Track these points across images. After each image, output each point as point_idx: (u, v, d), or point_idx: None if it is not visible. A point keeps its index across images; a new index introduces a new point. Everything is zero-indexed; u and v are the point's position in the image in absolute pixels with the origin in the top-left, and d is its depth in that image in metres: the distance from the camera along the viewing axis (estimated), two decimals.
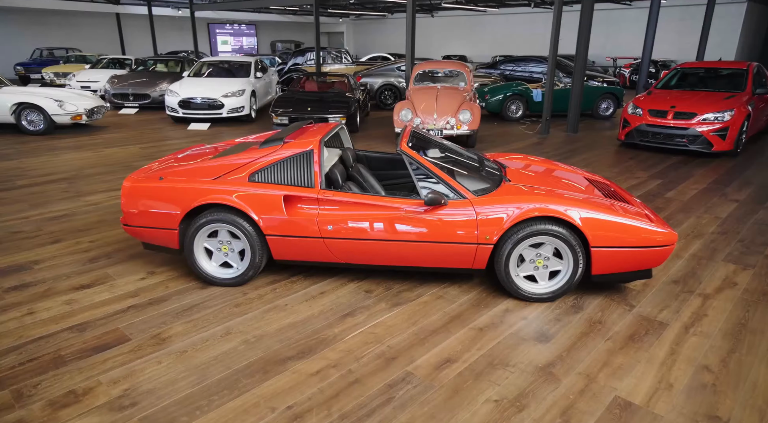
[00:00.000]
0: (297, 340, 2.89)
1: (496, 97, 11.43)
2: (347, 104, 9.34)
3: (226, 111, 10.52)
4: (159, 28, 28.09)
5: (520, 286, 3.31)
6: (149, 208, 3.42)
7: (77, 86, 14.98)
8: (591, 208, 3.16)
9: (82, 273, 3.70)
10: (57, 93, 9.69)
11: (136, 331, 2.96)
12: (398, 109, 8.20)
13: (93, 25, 25.96)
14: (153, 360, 2.68)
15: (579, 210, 3.14)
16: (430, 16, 30.21)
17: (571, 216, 3.11)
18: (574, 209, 3.14)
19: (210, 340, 2.88)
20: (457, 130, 7.92)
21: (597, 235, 3.12)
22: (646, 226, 3.14)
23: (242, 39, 33.25)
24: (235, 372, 2.59)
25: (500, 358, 2.72)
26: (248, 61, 12.10)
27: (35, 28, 24.16)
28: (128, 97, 12.72)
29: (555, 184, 3.59)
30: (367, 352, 2.77)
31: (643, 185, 6.14)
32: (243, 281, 3.48)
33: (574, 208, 3.15)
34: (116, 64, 16.49)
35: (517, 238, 3.18)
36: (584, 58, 9.40)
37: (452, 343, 2.87)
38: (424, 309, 3.24)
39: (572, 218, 3.11)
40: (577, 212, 3.13)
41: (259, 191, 3.33)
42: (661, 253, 3.17)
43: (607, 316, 3.15)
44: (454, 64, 9.20)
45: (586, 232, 3.12)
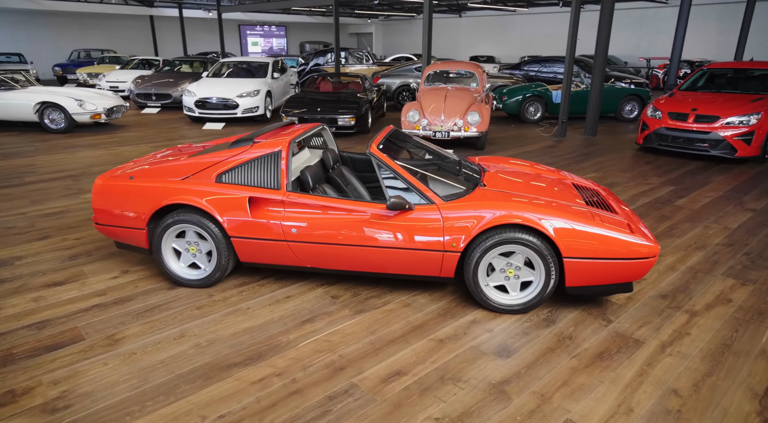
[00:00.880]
0: (249, 345, 2.82)
1: (514, 99, 11.16)
2: (358, 105, 9.27)
3: (241, 111, 10.62)
4: (190, 30, 28.78)
5: (490, 296, 3.15)
6: (118, 208, 3.43)
7: (106, 86, 15.48)
8: (565, 217, 2.98)
9: (59, 270, 3.74)
10: (78, 92, 9.99)
11: (93, 330, 2.95)
12: (406, 110, 8.08)
13: (128, 27, 26.80)
14: (100, 361, 2.66)
15: (552, 218, 2.97)
16: (458, 16, 29.90)
17: (542, 224, 2.94)
18: (546, 217, 2.97)
19: (162, 342, 2.84)
20: (464, 132, 7.75)
21: (570, 245, 2.94)
22: (624, 237, 2.94)
23: (272, 40, 33.72)
24: (177, 377, 2.54)
25: (453, 373, 2.58)
26: (266, 62, 12.19)
27: (74, 30, 25.12)
28: (151, 97, 13.01)
29: (534, 190, 3.42)
30: (316, 361, 2.68)
31: (653, 192, 5.83)
32: (210, 283, 3.45)
33: (546, 215, 2.97)
34: (145, 64, 16.94)
35: (486, 247, 3.02)
36: (603, 59, 9.05)
37: (407, 354, 2.75)
38: (388, 317, 3.12)
39: (543, 226, 2.94)
40: (550, 220, 2.96)
41: (224, 192, 3.29)
42: (641, 266, 2.96)
43: (579, 332, 2.96)
44: (466, 64, 9.01)
45: (558, 241, 2.94)
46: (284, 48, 34.22)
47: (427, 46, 11.30)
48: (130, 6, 24.86)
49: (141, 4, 24.96)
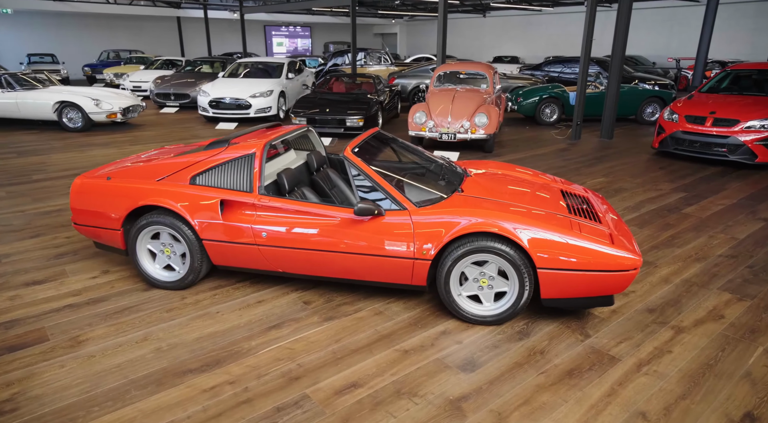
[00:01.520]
0: (209, 351, 2.78)
1: (529, 100, 10.91)
2: (367, 106, 9.21)
3: (254, 111, 10.69)
4: (217, 31, 29.24)
5: (462, 306, 3.03)
6: (95, 208, 3.44)
7: (130, 86, 15.82)
8: (540, 226, 2.84)
9: (42, 269, 3.79)
10: (96, 92, 10.23)
11: (59, 331, 2.96)
12: (413, 111, 7.97)
13: (156, 28, 27.41)
14: (57, 364, 2.66)
15: (527, 227, 2.83)
16: (482, 16, 29.54)
17: (515, 233, 2.81)
18: (521, 226, 2.83)
19: (124, 345, 2.83)
20: (471, 134, 7.59)
21: (544, 256, 2.80)
22: (602, 249, 2.78)
23: (297, 41, 33.99)
24: (129, 382, 2.51)
25: (411, 387, 2.48)
26: (281, 63, 12.25)
27: (104, 31, 25.83)
28: (170, 97, 13.23)
29: (514, 196, 3.28)
30: (273, 370, 2.61)
31: (661, 198, 5.58)
32: (183, 285, 3.43)
33: (521, 224, 2.84)
34: (169, 65, 17.27)
35: (457, 255, 2.91)
36: (620, 59, 8.75)
37: (368, 365, 2.66)
38: (357, 325, 3.04)
39: (517, 236, 2.81)
40: (524, 229, 2.82)
41: (196, 194, 3.26)
42: (621, 279, 2.79)
43: (553, 346, 2.81)
44: (476, 65, 8.84)
45: (531, 251, 2.80)
46: (309, 48, 34.46)
47: (442, 46, 11.15)
48: (158, 8, 25.43)
49: (168, 6, 25.50)
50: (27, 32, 24.15)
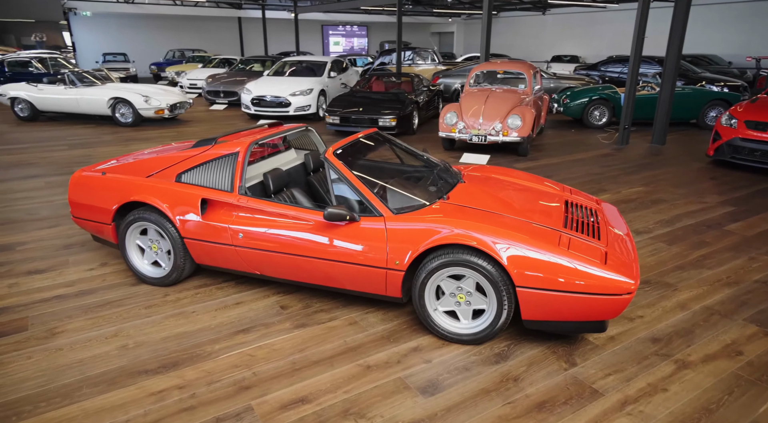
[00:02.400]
0: (171, 352, 2.74)
1: (577, 102, 10.33)
2: (401, 105, 9.04)
3: (293, 109, 10.80)
4: (275, 31, 29.99)
5: (438, 322, 2.83)
6: (89, 202, 3.51)
7: (187, 84, 16.51)
8: (522, 239, 2.58)
9: (48, 258, 3.93)
10: (146, 89, 10.71)
11: (39, 322, 3.03)
12: (444, 112, 7.72)
13: (219, 28, 28.50)
14: (26, 354, 2.71)
15: (507, 241, 2.58)
16: (542, 14, 28.49)
17: (493, 247, 2.57)
18: (501, 239, 2.59)
19: (93, 340, 2.85)
20: (503, 136, 7.24)
21: (524, 274, 2.54)
22: (588, 269, 2.49)
23: (353, 40, 34.27)
24: (84, 379, 2.51)
25: (362, 407, 2.32)
26: (324, 61, 12.33)
27: (170, 31, 27.17)
28: (219, 95, 13.65)
29: (504, 206, 3.02)
30: (227, 377, 2.53)
31: (703, 212, 5.05)
32: (168, 282, 3.43)
33: (502, 238, 2.60)
34: (225, 63, 17.88)
35: (432, 267, 2.71)
36: (676, 58, 8.06)
37: (324, 379, 2.52)
38: (326, 335, 2.91)
39: (494, 250, 2.57)
40: (503, 242, 2.58)
41: (179, 191, 3.24)
42: (611, 303, 2.49)
43: (530, 374, 2.55)
44: (515, 64, 8.44)
45: (509, 267, 2.55)
46: (365, 47, 34.65)
47: (485, 45, 10.79)
48: (220, 8, 26.44)
49: (230, 7, 26.45)
50: (103, 33, 25.83)
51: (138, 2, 24.73)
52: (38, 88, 10.86)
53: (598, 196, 5.59)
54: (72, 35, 24.95)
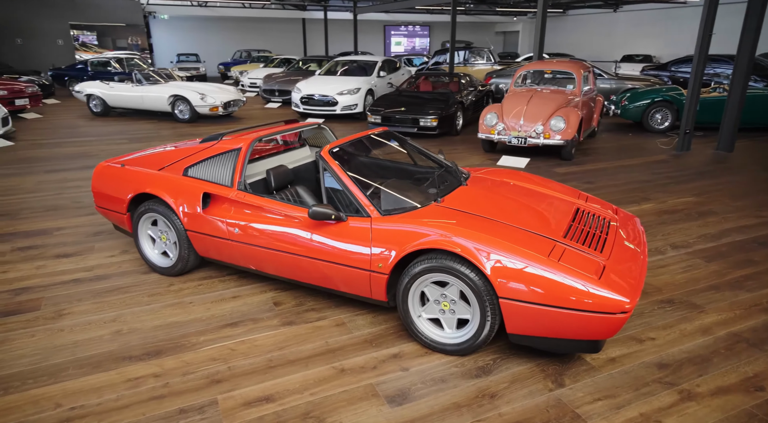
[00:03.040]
0: (158, 340, 2.82)
1: (636, 104, 9.69)
2: (444, 105, 8.87)
3: (340, 108, 10.91)
4: (337, 31, 30.50)
5: (421, 329, 2.72)
6: (109, 192, 3.69)
7: (247, 82, 17.18)
8: (508, 248, 2.42)
9: (78, 243, 4.18)
10: (203, 87, 11.21)
11: (51, 303, 3.22)
12: (485, 113, 7.50)
13: (284, 29, 29.40)
14: (31, 333, 2.88)
15: (491, 247, 2.43)
16: (613, 11, 27.04)
17: (475, 254, 2.43)
18: (484, 246, 2.44)
19: (92, 324, 2.99)
20: (544, 139, 6.91)
21: (507, 284, 2.38)
22: (575, 284, 2.29)
23: (415, 40, 34.21)
24: (73, 360, 2.64)
25: (323, 411, 2.26)
26: (375, 61, 12.37)
27: (239, 33, 28.36)
28: (274, 93, 14.06)
29: (502, 211, 2.85)
30: (202, 369, 2.56)
31: (758, 228, 4.55)
32: (174, 273, 3.54)
33: (485, 244, 2.45)
34: (286, 63, 18.42)
35: (414, 272, 2.60)
36: (749, 57, 7.35)
37: (295, 379, 2.49)
38: (310, 334, 2.88)
39: (476, 257, 2.43)
40: (488, 250, 2.43)
41: (184, 185, 3.33)
42: (603, 322, 2.28)
43: (511, 392, 2.39)
44: (564, 63, 8.04)
45: (492, 277, 2.40)
46: (426, 48, 34.49)
47: (539, 44, 10.38)
48: (286, 10, 27.28)
49: (295, 9, 27.21)
50: (179, 35, 27.41)
51: (210, 5, 26.02)
52: (109, 85, 11.68)
53: (640, 205, 5.20)
54: (151, 37, 26.65)
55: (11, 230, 4.51)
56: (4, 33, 20.65)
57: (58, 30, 21.65)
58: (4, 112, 9.00)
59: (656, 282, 3.49)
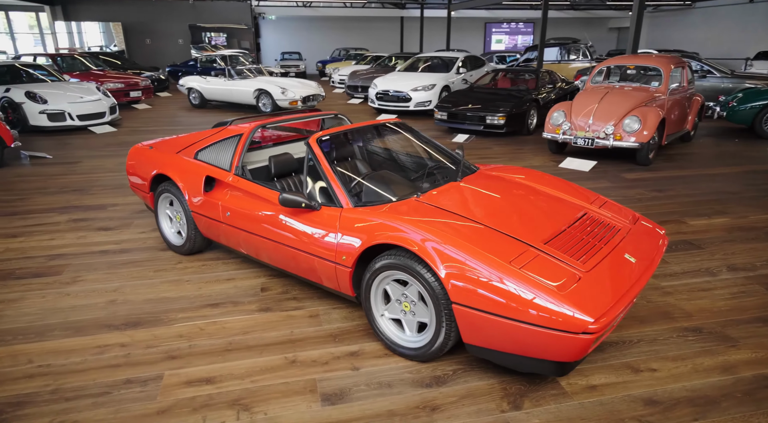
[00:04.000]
0: (141, 313, 2.96)
1: (746, 106, 8.44)
2: (515, 103, 8.40)
3: (413, 104, 10.81)
4: (434, 29, 30.29)
5: (382, 328, 2.56)
6: (137, 173, 3.96)
7: (337, 79, 17.72)
8: (468, 250, 2.19)
9: (121, 219, 4.55)
10: (286, 82, 11.73)
11: (72, 270, 3.53)
12: (552, 110, 6.96)
13: (383, 28, 29.84)
14: (42, 294, 3.17)
15: (451, 249, 2.22)
16: (749, 1, 23.83)
17: (429, 252, 2.23)
18: (445, 247, 2.23)
19: (96, 291, 3.22)
20: (615, 141, 6.25)
21: (460, 288, 2.16)
22: (532, 295, 2.00)
23: (517, 37, 32.97)
24: (63, 323, 2.85)
25: (254, 400, 2.22)
26: (455, 57, 12.09)
27: (339, 32, 29.30)
28: (357, 89, 14.32)
29: (487, 210, 2.60)
30: (166, 344, 2.64)
31: None
32: (183, 252, 3.71)
33: (447, 245, 2.24)
34: (376, 60, 18.70)
35: (374, 268, 2.46)
36: None
37: (244, 364, 2.47)
38: (280, 322, 2.85)
39: (430, 255, 2.23)
40: (448, 251, 2.22)
41: (190, 168, 3.47)
42: (563, 342, 1.97)
43: (458, 407, 2.16)
44: (650, 58, 7.21)
45: (446, 279, 2.19)
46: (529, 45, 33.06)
47: (634, 39, 9.46)
48: (385, 9, 27.68)
49: (394, 7, 27.50)
50: (284, 34, 29.00)
51: (314, 5, 27.18)
52: (206, 80, 12.65)
53: (710, 219, 4.49)
54: (259, 37, 28.50)
55: (76, 203, 5.03)
56: (136, 34, 23.29)
57: (180, 31, 23.92)
58: (112, 101, 10.12)
59: (688, 306, 2.97)
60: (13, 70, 10.03)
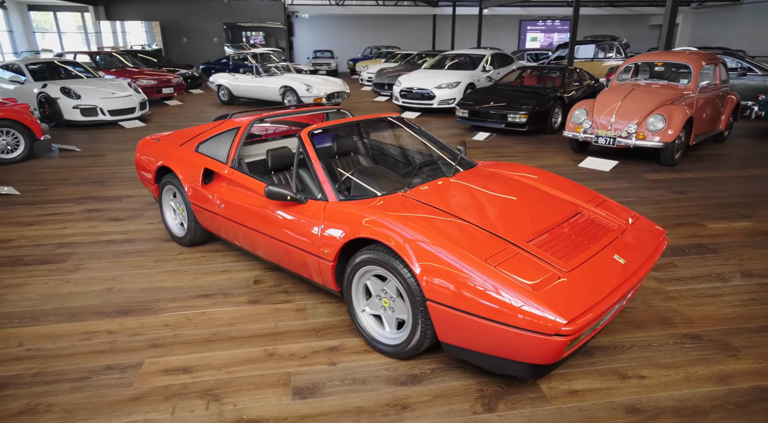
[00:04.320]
0: (135, 301, 3.01)
1: None
2: (537, 101, 8.20)
3: (437, 102, 10.70)
4: (466, 26, 29.93)
5: (363, 324, 2.53)
6: (143, 164, 4.04)
7: (366, 77, 17.78)
8: (446, 246, 2.13)
9: (132, 210, 4.67)
10: (311, 79, 11.81)
11: (77, 258, 3.63)
12: (574, 108, 6.75)
13: (415, 26, 29.71)
14: (44, 281, 3.28)
15: (429, 245, 2.16)
16: None
17: (405, 247, 2.18)
18: (421, 242, 2.18)
19: (95, 279, 3.30)
20: (637, 140, 6.01)
21: (434, 285, 2.10)
22: (504, 293, 1.93)
23: (553, 35, 32.24)
24: (59, 308, 2.93)
25: (226, 391, 2.22)
26: (482, 55, 11.91)
27: (372, 30, 29.34)
28: (384, 87, 14.29)
29: (471, 207, 2.53)
30: (151, 333, 2.68)
31: None
32: (184, 243, 3.77)
33: (426, 241, 2.18)
34: (405, 58, 18.65)
35: (355, 263, 2.43)
36: None
37: (223, 355, 2.48)
38: (267, 315, 2.85)
39: (405, 251, 2.18)
40: (426, 246, 2.16)
41: (192, 160, 3.51)
42: (535, 343, 1.89)
43: (429, 407, 2.10)
44: (680, 55, 6.89)
45: (420, 276, 2.13)
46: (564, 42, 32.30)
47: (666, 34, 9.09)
48: (417, 7, 27.55)
49: (427, 5, 27.34)
50: (317, 32, 29.27)
51: (347, 4, 27.31)
52: (234, 77, 12.88)
53: (731, 222, 4.26)
54: (292, 35, 28.87)
55: (94, 194, 5.19)
56: (174, 33, 23.94)
57: (214, 29, 24.46)
58: (142, 97, 10.42)
59: (691, 312, 2.82)
60: (52, 67, 10.45)
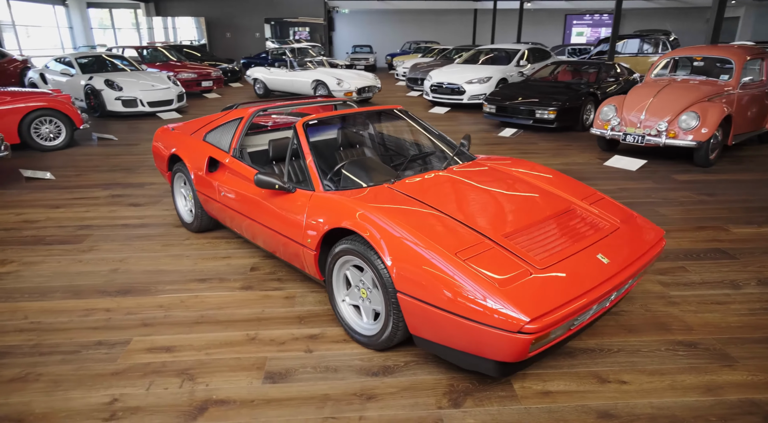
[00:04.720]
0: (136, 282, 3.14)
1: None
2: (569, 97, 7.95)
3: (467, 97, 10.56)
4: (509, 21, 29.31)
5: (343, 314, 2.54)
6: (158, 153, 4.19)
7: (401, 72, 17.75)
8: (418, 238, 2.11)
9: (152, 197, 4.85)
10: (343, 73, 11.89)
11: (92, 240, 3.81)
12: (603, 105, 6.51)
13: (455, 21, 29.38)
14: (58, 259, 3.46)
15: (404, 236, 2.15)
16: None
17: (379, 240, 2.17)
18: (396, 233, 2.17)
19: (105, 260, 3.46)
20: (667, 138, 5.73)
21: (403, 276, 2.09)
22: (469, 288, 1.89)
23: (600, 30, 31.14)
24: (67, 286, 3.09)
25: (201, 371, 2.28)
26: (517, 49, 11.66)
27: (411, 24, 29.22)
28: (417, 82, 14.22)
29: (454, 201, 2.49)
30: (144, 313, 2.79)
31: None
32: (193, 229, 3.89)
33: (399, 232, 2.17)
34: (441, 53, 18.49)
35: (334, 252, 2.45)
36: None
37: (206, 337, 2.55)
38: (255, 301, 2.91)
39: (379, 243, 2.17)
40: (399, 238, 2.15)
41: (198, 149, 3.62)
42: (497, 340, 1.85)
43: (394, 398, 2.10)
44: (722, 49, 6.51)
45: (391, 267, 2.12)
46: None
47: (713, 26, 8.64)
48: (458, 1, 27.21)
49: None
50: (356, 27, 29.42)
51: None
52: (270, 70, 13.13)
53: (759, 227, 4.01)
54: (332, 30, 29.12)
55: (121, 181, 5.43)
56: (218, 28, 24.61)
57: (256, 24, 24.96)
58: (180, 90, 10.77)
59: (692, 319, 2.68)
60: (100, 61, 10.95)
